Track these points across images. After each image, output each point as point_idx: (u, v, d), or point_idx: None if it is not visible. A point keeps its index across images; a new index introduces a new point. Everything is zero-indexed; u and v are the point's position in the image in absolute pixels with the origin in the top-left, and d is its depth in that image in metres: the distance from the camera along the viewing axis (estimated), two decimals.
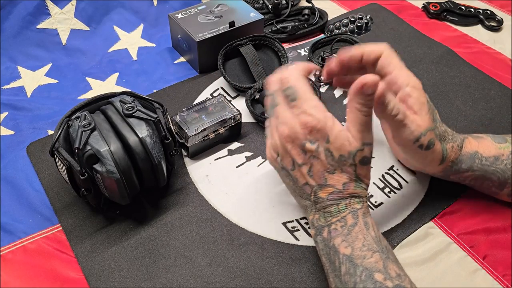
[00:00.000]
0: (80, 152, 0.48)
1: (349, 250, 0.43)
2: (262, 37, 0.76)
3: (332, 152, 0.44)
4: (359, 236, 0.44)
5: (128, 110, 0.53)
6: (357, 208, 0.45)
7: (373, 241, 0.44)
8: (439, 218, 0.56)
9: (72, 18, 0.82)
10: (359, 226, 0.44)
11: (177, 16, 0.77)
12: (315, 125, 0.44)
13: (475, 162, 0.53)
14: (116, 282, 0.49)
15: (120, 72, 0.77)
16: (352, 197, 0.46)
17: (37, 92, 0.73)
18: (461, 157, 0.53)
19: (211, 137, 0.62)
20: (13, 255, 0.52)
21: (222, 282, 0.50)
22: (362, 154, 0.45)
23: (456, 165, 0.53)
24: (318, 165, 0.45)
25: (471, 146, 0.53)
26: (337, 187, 0.45)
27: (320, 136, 0.44)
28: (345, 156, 0.44)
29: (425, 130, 0.49)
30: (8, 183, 0.59)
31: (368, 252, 0.43)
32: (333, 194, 0.45)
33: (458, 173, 0.54)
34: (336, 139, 0.44)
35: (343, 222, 0.45)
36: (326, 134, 0.44)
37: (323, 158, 0.44)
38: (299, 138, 0.44)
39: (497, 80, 0.76)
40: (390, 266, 0.42)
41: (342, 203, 0.45)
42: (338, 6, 0.94)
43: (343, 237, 0.44)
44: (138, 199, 0.57)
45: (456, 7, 0.91)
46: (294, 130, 0.45)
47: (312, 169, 0.45)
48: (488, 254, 0.52)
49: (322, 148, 0.44)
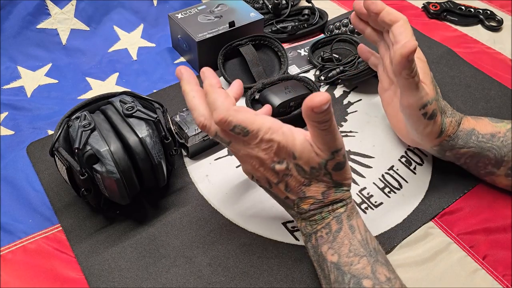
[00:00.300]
0: (80, 152, 0.48)
1: (336, 258, 0.43)
2: (262, 37, 0.76)
3: (302, 167, 0.43)
4: (344, 242, 0.43)
5: (128, 110, 0.53)
6: (340, 212, 0.45)
7: (360, 245, 0.43)
8: (439, 218, 0.56)
9: (72, 18, 0.82)
10: (344, 231, 0.44)
11: (177, 16, 0.77)
12: (277, 148, 0.42)
13: (472, 139, 0.54)
14: (116, 282, 0.49)
15: (120, 72, 0.77)
16: (334, 203, 0.45)
17: (37, 92, 0.73)
18: (458, 132, 0.54)
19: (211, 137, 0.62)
20: (13, 255, 0.52)
21: (222, 282, 0.50)
22: (333, 162, 0.43)
23: (452, 140, 0.54)
24: (292, 181, 0.44)
25: (468, 124, 0.55)
26: (316, 198, 0.45)
27: (285, 155, 0.43)
28: (316, 167, 0.43)
29: (431, 99, 0.51)
30: (8, 183, 0.59)
31: (355, 257, 0.42)
32: (315, 205, 0.45)
33: (454, 149, 0.54)
34: (302, 154, 0.42)
35: (328, 228, 0.44)
36: (291, 151, 0.42)
37: (296, 174, 0.43)
38: (267, 164, 0.43)
39: (497, 80, 0.76)
40: (379, 270, 0.42)
41: (324, 210, 0.45)
42: (338, 6, 0.94)
43: (329, 244, 0.44)
44: (138, 199, 0.57)
45: (456, 7, 0.91)
46: (259, 159, 0.43)
47: (288, 185, 0.44)
48: (488, 254, 0.52)
49: (291, 164, 0.43)
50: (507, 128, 0.54)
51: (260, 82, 0.70)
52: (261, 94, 0.68)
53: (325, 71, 0.76)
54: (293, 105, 0.66)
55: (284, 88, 0.67)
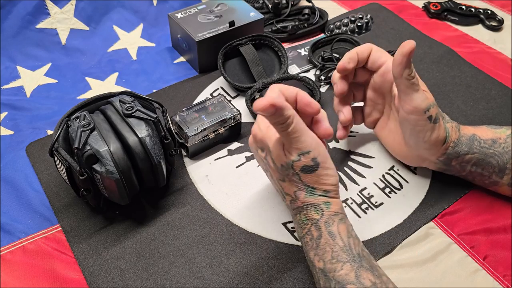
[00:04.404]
0: (80, 152, 0.48)
1: (321, 264, 0.44)
2: (262, 37, 0.75)
3: (274, 161, 0.45)
4: (326, 249, 0.44)
5: (127, 110, 0.52)
6: (316, 219, 0.45)
7: (342, 251, 0.43)
8: (439, 218, 0.56)
9: (71, 18, 0.82)
10: (324, 237, 0.44)
11: (177, 15, 0.77)
12: (256, 134, 0.47)
13: (474, 144, 0.53)
14: (116, 283, 0.49)
15: (119, 72, 0.77)
16: (308, 207, 0.45)
17: (36, 92, 0.73)
18: (460, 138, 0.53)
19: (211, 137, 0.62)
20: (12, 256, 0.52)
21: (222, 282, 0.49)
22: (299, 164, 0.43)
23: (457, 146, 0.53)
24: (272, 172, 0.47)
25: (467, 130, 0.54)
26: (291, 195, 0.46)
27: (264, 145, 0.46)
28: (284, 166, 0.44)
29: (432, 102, 0.51)
30: (7, 183, 0.59)
31: (337, 264, 0.42)
32: (293, 203, 0.46)
33: (459, 156, 0.53)
34: (274, 149, 0.45)
35: (310, 234, 0.45)
36: (266, 144, 0.46)
37: (272, 166, 0.46)
38: (252, 145, 0.49)
39: (498, 80, 0.75)
40: (364, 275, 0.42)
41: (302, 213, 0.46)
42: (339, 6, 0.94)
43: (314, 250, 0.44)
44: (137, 199, 0.57)
45: (456, 7, 0.91)
46: (251, 138, 0.50)
47: (272, 177, 0.48)
48: (488, 255, 0.52)
49: (269, 156, 0.46)
50: (507, 134, 0.54)
51: (260, 82, 0.70)
52: (261, 94, 0.68)
53: (325, 71, 0.76)
54: None
55: None
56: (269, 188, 0.59)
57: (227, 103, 0.64)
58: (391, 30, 0.86)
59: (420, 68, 0.77)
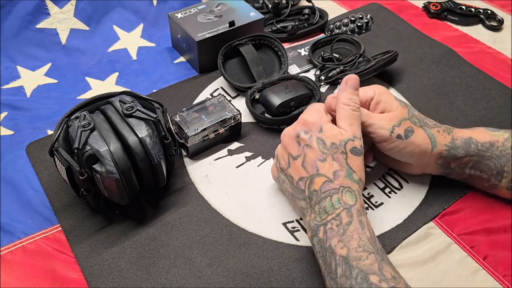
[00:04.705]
0: (80, 152, 0.48)
1: (345, 251, 0.43)
2: (262, 37, 0.75)
3: (324, 141, 0.48)
4: (354, 236, 0.44)
5: (127, 110, 0.52)
6: (350, 205, 0.45)
7: (369, 242, 0.44)
8: (439, 218, 0.56)
9: (71, 18, 0.82)
10: (354, 225, 0.44)
11: (177, 15, 0.77)
12: (308, 118, 0.50)
13: (471, 147, 0.53)
14: (116, 283, 0.49)
15: (119, 72, 0.77)
16: (344, 190, 0.46)
17: (36, 92, 0.73)
18: (455, 141, 0.53)
19: (211, 137, 0.62)
20: (12, 256, 0.52)
21: (222, 282, 0.49)
22: (353, 144, 0.48)
23: (453, 149, 0.53)
24: (310, 153, 0.48)
25: (462, 133, 0.54)
26: (328, 176, 0.47)
27: (313, 127, 0.49)
28: (336, 143, 0.48)
29: (398, 121, 0.52)
30: (7, 183, 0.59)
31: (363, 253, 0.43)
32: (325, 185, 0.47)
33: (457, 159, 0.54)
34: (328, 129, 0.49)
35: (338, 220, 0.45)
36: (319, 125, 0.49)
37: (315, 146, 0.48)
38: (295, 129, 0.51)
39: (498, 80, 0.75)
40: (386, 268, 0.42)
41: (334, 196, 0.46)
42: (339, 6, 0.94)
43: (339, 237, 0.44)
44: (137, 199, 0.57)
45: (456, 7, 0.91)
46: (292, 127, 0.52)
47: (305, 160, 0.49)
48: (488, 255, 0.52)
49: (314, 137, 0.49)
50: (505, 137, 0.54)
51: (260, 82, 0.70)
52: (261, 94, 0.68)
53: (325, 71, 0.76)
54: (293, 105, 0.66)
55: (284, 88, 0.67)
56: (269, 188, 0.59)
57: (227, 103, 0.64)
58: (391, 30, 0.86)
59: (420, 68, 0.77)
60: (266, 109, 0.68)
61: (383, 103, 0.53)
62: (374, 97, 0.54)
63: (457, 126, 0.66)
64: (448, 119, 0.68)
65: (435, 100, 0.72)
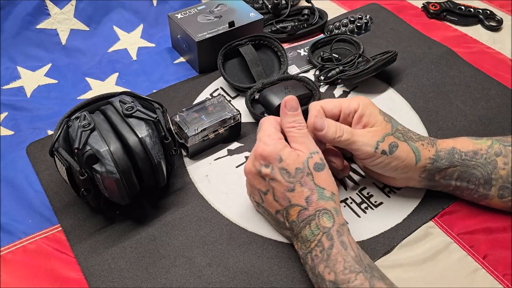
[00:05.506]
0: (80, 152, 0.48)
1: (332, 276, 0.43)
2: (261, 37, 0.76)
3: (287, 169, 0.47)
4: (338, 259, 0.44)
5: (127, 110, 0.52)
6: (328, 227, 0.45)
7: (354, 261, 0.43)
8: (439, 217, 0.56)
9: (71, 18, 0.82)
10: (336, 247, 0.44)
11: (177, 16, 0.77)
12: (263, 151, 0.48)
13: (455, 158, 0.53)
14: (116, 282, 0.49)
15: (119, 72, 0.77)
16: (320, 214, 0.46)
17: (36, 92, 0.73)
18: (438, 153, 0.53)
19: (210, 137, 0.62)
20: (13, 255, 0.52)
21: (222, 282, 0.49)
22: (313, 161, 0.48)
23: (436, 161, 0.52)
24: (278, 186, 0.48)
25: (446, 143, 0.54)
26: (301, 204, 0.47)
27: (272, 159, 0.48)
28: (300, 167, 0.47)
29: (381, 137, 0.51)
30: (8, 183, 0.59)
31: (351, 274, 0.42)
32: (301, 214, 0.47)
33: (441, 171, 0.53)
34: (287, 156, 0.47)
35: (321, 246, 0.45)
36: (277, 155, 0.48)
37: (280, 178, 0.47)
38: (254, 166, 0.49)
39: (497, 80, 0.76)
40: (377, 284, 0.42)
41: (312, 222, 0.46)
42: (338, 6, 0.94)
43: (325, 262, 0.44)
44: (137, 199, 0.57)
45: (455, 7, 0.91)
46: (250, 162, 0.50)
47: (275, 193, 0.48)
48: (488, 254, 0.52)
49: (276, 169, 0.48)
50: (487, 144, 0.53)
51: (260, 82, 0.70)
52: (260, 94, 0.68)
53: (324, 71, 0.76)
54: None
55: (284, 88, 0.67)
56: None
57: (227, 103, 0.64)
58: (391, 31, 0.87)
59: (419, 68, 0.78)
60: (265, 109, 0.68)
61: (367, 116, 0.52)
62: (358, 110, 0.52)
63: (456, 126, 0.67)
64: (447, 119, 0.68)
65: (435, 100, 0.72)
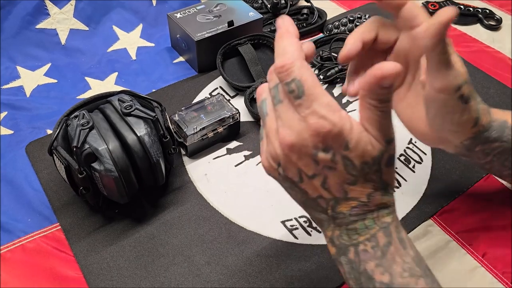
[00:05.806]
0: (79, 150, 0.48)
1: (387, 278, 0.36)
2: (261, 37, 0.76)
3: (352, 161, 0.34)
4: (396, 259, 0.36)
5: (126, 109, 0.53)
6: (388, 223, 0.37)
7: (414, 263, 0.36)
8: (438, 216, 0.56)
9: (71, 18, 0.82)
10: (394, 245, 0.36)
11: (176, 15, 0.77)
12: (329, 131, 0.33)
13: (505, 132, 0.46)
14: (115, 281, 0.49)
15: (119, 72, 0.77)
16: (380, 209, 0.37)
17: (36, 91, 0.73)
18: (492, 123, 0.46)
19: (209, 136, 0.62)
20: (12, 254, 0.52)
21: (220, 280, 0.49)
22: (387, 155, 0.35)
23: (487, 131, 0.45)
24: (334, 176, 0.35)
25: (498, 114, 0.47)
26: (361, 200, 0.36)
27: (336, 143, 0.34)
28: (369, 163, 0.35)
29: (465, 79, 0.43)
30: (7, 182, 0.59)
31: (411, 279, 0.35)
32: (357, 208, 0.36)
33: (487, 143, 0.46)
34: (357, 145, 0.34)
35: (374, 241, 0.36)
36: (344, 140, 0.33)
37: (341, 169, 0.35)
38: (308, 147, 0.34)
39: (496, 79, 0.76)
40: None
41: (368, 217, 0.36)
42: (337, 6, 0.94)
43: (377, 261, 0.36)
44: (136, 198, 0.57)
45: (455, 6, 0.91)
46: (301, 137, 0.34)
47: (327, 181, 0.36)
48: (487, 252, 0.52)
49: (339, 156, 0.34)
50: None
51: (259, 81, 0.71)
52: None
53: (323, 70, 0.76)
54: None
55: None
56: (267, 186, 0.59)
57: (226, 102, 0.64)
58: None
59: None
60: None
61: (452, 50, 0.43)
62: None
63: None
64: None
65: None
